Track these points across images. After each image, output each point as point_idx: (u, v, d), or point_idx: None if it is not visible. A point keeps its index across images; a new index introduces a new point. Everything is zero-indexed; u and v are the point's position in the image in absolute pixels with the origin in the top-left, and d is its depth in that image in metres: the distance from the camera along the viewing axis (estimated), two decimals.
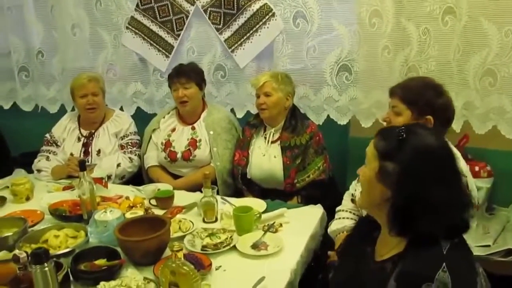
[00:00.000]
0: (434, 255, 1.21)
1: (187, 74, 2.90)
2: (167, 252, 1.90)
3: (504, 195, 2.83)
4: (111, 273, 1.76)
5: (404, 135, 1.30)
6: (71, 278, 1.75)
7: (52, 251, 1.81)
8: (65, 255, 1.87)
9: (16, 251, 1.62)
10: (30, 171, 2.97)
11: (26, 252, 1.59)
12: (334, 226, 2.21)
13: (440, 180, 1.25)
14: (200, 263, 1.78)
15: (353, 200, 2.29)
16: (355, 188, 2.29)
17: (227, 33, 3.04)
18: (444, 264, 1.17)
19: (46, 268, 1.51)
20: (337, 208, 2.32)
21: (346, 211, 2.26)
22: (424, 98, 1.93)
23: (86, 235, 2.03)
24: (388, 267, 1.30)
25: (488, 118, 2.65)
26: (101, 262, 1.82)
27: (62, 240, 1.99)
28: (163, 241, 1.88)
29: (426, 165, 1.26)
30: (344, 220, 2.20)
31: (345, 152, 3.13)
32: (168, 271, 1.61)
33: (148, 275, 1.77)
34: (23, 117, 3.87)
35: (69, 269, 1.76)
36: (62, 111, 3.62)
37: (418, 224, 1.24)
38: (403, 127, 1.33)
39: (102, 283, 1.67)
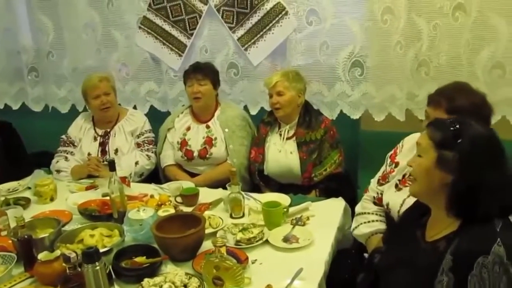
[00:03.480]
0: (489, 232, 1.32)
1: (204, 71, 2.97)
2: (202, 247, 1.97)
3: None
4: (153, 270, 1.82)
5: (458, 126, 1.41)
6: (113, 276, 1.81)
7: None
8: (104, 254, 1.93)
9: (65, 251, 1.67)
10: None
11: (75, 252, 1.66)
12: (365, 229, 2.21)
13: (495, 164, 1.38)
14: (237, 258, 1.84)
15: (375, 203, 2.30)
16: (377, 192, 2.29)
17: (240, 32, 3.10)
18: (498, 239, 1.28)
19: (98, 267, 1.57)
20: (359, 211, 2.31)
21: (372, 213, 2.25)
22: (472, 109, 1.89)
23: (121, 233, 2.08)
24: (441, 245, 1.41)
25: (497, 109, 2.71)
26: (141, 259, 1.88)
27: (98, 239, 2.04)
28: (200, 237, 1.96)
29: (483, 150, 1.39)
30: (374, 223, 2.21)
31: (356, 145, 3.21)
32: (212, 266, 1.68)
33: (187, 270, 1.83)
34: (32, 117, 3.90)
35: (110, 267, 1.82)
36: (72, 111, 3.67)
37: (478, 204, 1.35)
38: (454, 120, 1.45)
39: (146, 279, 1.73)
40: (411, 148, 2.16)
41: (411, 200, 2.04)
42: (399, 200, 2.09)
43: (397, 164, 2.22)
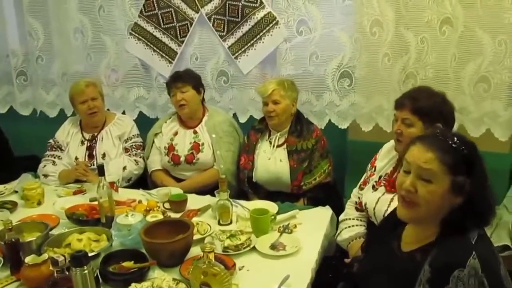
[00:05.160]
0: (465, 245, 1.34)
1: (183, 78, 2.99)
2: (190, 253, 1.99)
3: (495, 193, 2.99)
4: (141, 275, 1.83)
5: (463, 145, 1.39)
6: (100, 280, 1.82)
7: None
8: (91, 258, 1.92)
9: (53, 255, 1.67)
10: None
11: (64, 256, 1.66)
12: (346, 234, 2.28)
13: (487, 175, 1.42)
14: (225, 264, 1.85)
15: (357, 208, 2.38)
16: (358, 196, 2.38)
17: (231, 40, 3.13)
18: (474, 252, 1.30)
19: (86, 271, 1.57)
20: (342, 218, 2.40)
21: (353, 219, 2.34)
22: (434, 107, 2.00)
23: (108, 238, 2.09)
24: (418, 256, 1.43)
25: (482, 122, 2.80)
26: (128, 264, 1.88)
27: (85, 244, 2.05)
28: (188, 243, 1.97)
29: (484, 166, 1.41)
30: (354, 228, 2.29)
31: (344, 155, 3.25)
32: (199, 272, 1.68)
33: (175, 275, 1.84)
34: (20, 121, 3.88)
35: (98, 272, 1.82)
36: (61, 115, 3.66)
37: (472, 217, 1.38)
38: (456, 139, 1.41)
39: (133, 284, 1.74)
40: (386, 152, 2.32)
41: (385, 197, 2.13)
42: (374, 198, 2.19)
43: (375, 168, 2.32)
